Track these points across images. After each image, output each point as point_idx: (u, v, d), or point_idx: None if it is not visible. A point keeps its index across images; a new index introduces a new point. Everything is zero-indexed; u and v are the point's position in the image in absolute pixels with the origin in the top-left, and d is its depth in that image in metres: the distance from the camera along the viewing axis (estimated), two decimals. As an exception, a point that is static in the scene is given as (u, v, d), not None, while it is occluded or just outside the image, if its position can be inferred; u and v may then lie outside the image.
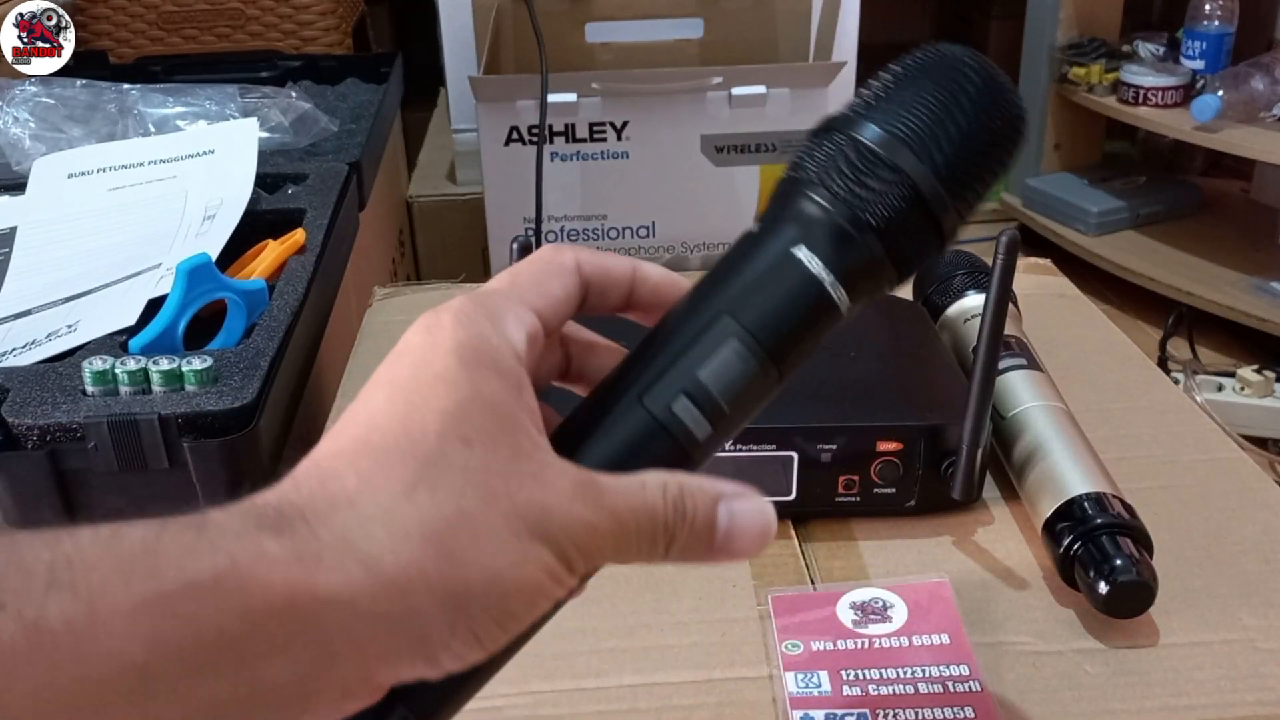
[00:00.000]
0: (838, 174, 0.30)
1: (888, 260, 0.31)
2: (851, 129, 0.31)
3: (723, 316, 0.31)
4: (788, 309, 0.31)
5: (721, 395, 0.30)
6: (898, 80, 0.31)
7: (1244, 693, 0.45)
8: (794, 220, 0.31)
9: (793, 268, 0.31)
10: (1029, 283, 0.81)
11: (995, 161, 0.31)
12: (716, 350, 0.30)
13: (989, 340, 0.50)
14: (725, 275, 0.32)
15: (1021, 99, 0.32)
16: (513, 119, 1.12)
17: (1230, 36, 1.86)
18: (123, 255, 0.75)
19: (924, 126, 0.30)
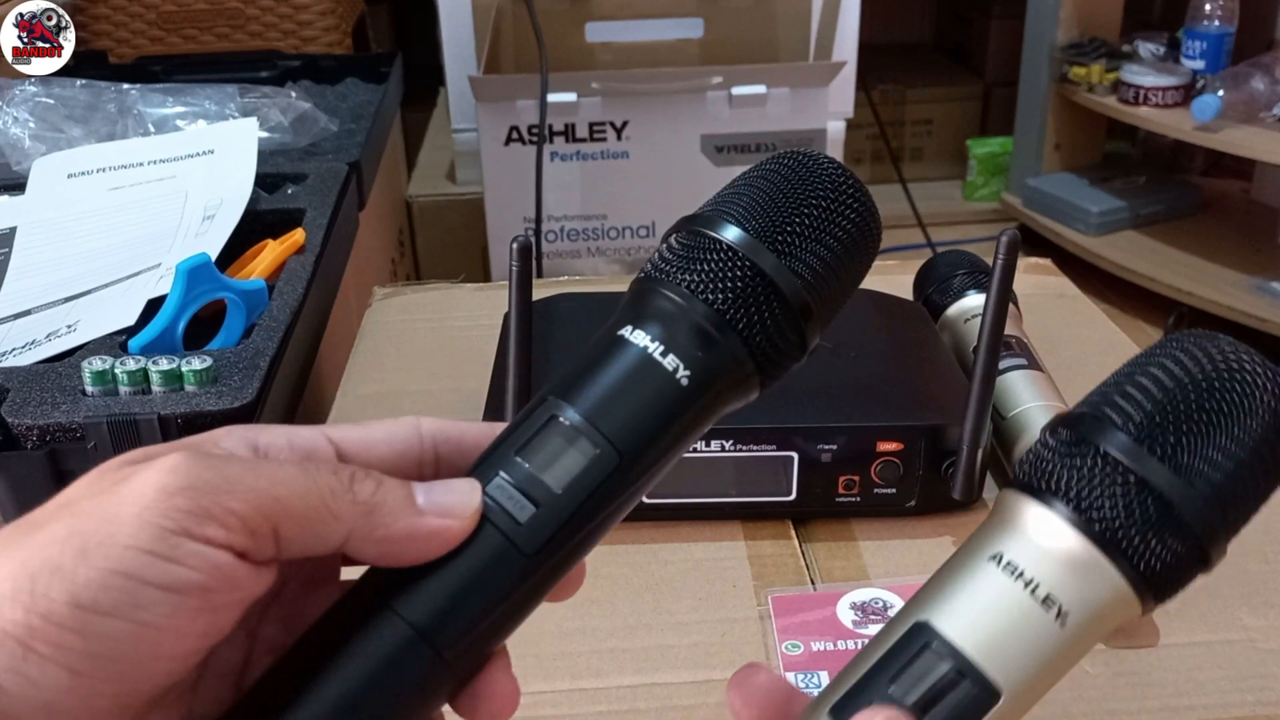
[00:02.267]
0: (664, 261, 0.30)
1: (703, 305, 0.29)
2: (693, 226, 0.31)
3: (543, 399, 0.29)
4: (603, 374, 0.29)
5: (539, 468, 0.28)
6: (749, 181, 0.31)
7: (1244, 693, 0.45)
8: (628, 315, 0.30)
9: (605, 338, 0.30)
10: (1029, 283, 0.81)
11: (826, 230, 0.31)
12: (534, 425, 0.29)
13: (989, 340, 0.50)
14: (561, 369, 0.30)
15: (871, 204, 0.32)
16: (513, 119, 1.12)
17: (1230, 36, 1.86)
18: (122, 255, 0.75)
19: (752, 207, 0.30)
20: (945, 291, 0.69)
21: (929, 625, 0.28)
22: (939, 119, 2.45)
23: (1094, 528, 0.27)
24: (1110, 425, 0.28)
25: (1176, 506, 0.27)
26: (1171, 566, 0.27)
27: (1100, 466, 0.27)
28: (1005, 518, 0.29)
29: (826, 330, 0.32)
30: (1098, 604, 0.27)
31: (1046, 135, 2.14)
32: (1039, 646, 0.27)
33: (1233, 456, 0.27)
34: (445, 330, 0.76)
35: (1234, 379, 0.28)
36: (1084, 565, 0.27)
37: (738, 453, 0.54)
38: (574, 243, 1.18)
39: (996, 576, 0.28)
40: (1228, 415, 0.27)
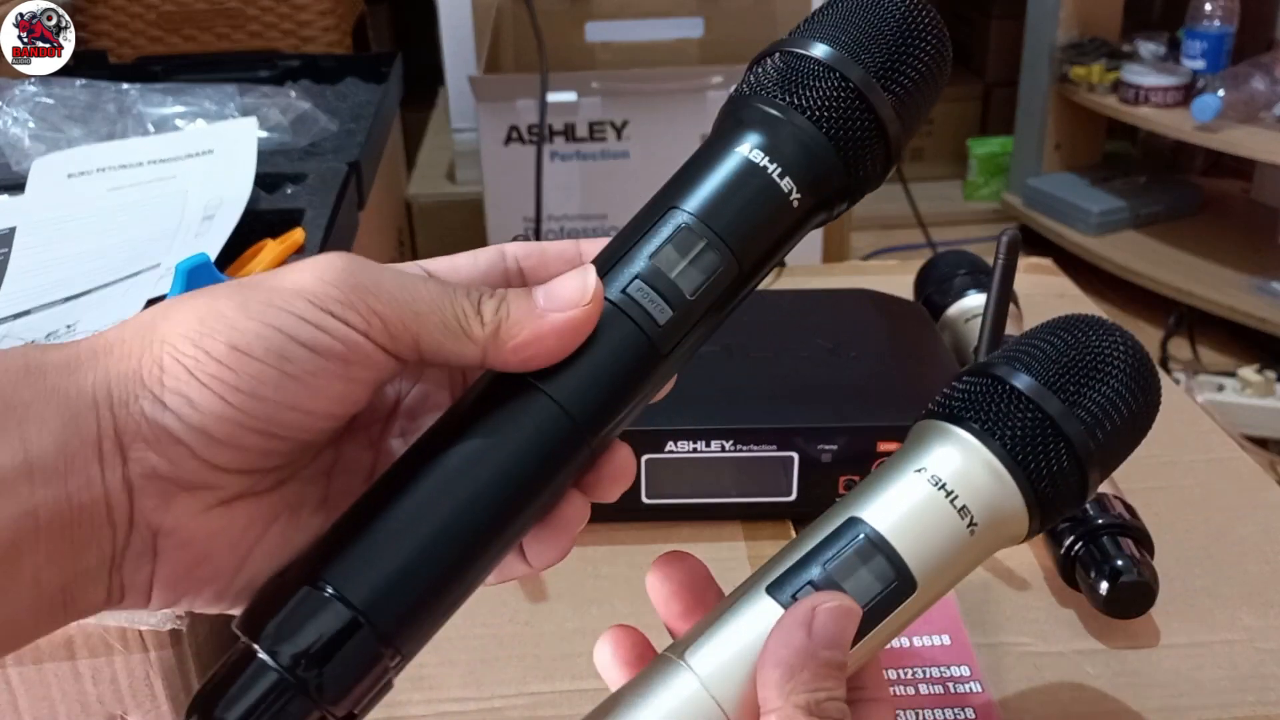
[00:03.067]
0: (772, 82, 0.32)
1: (824, 139, 0.32)
2: (788, 47, 0.33)
3: (670, 209, 0.32)
4: (729, 191, 0.32)
5: (672, 273, 0.31)
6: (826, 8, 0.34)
7: (1244, 693, 0.45)
8: (730, 126, 0.33)
9: (727, 155, 0.32)
10: (1029, 283, 0.81)
11: (922, 55, 0.34)
12: (663, 233, 0.31)
13: (989, 340, 0.50)
14: (675, 178, 0.33)
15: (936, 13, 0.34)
16: (512, 118, 1.12)
17: (1230, 36, 1.86)
18: (122, 255, 0.75)
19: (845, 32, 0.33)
20: (945, 291, 0.69)
21: (863, 521, 0.33)
22: (939, 119, 2.45)
23: (1005, 447, 0.33)
24: (1018, 370, 0.34)
25: (1066, 431, 0.33)
26: (1059, 486, 0.33)
27: (1011, 400, 0.33)
28: (929, 440, 0.34)
29: (826, 330, 0.34)
30: (1000, 516, 0.33)
31: (1047, 135, 2.14)
32: (952, 549, 0.32)
33: (1108, 400, 0.34)
34: (445, 330, 0.76)
35: (1105, 342, 0.35)
36: (993, 480, 0.33)
37: (738, 453, 0.54)
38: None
39: (923, 486, 0.33)
40: (1102, 371, 0.34)
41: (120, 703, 0.50)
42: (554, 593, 0.51)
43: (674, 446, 0.53)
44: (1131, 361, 0.34)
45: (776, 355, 0.60)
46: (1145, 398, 0.34)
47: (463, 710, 0.45)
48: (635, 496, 0.54)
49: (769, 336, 0.62)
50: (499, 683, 0.46)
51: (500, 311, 0.30)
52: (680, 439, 0.53)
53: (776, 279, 0.85)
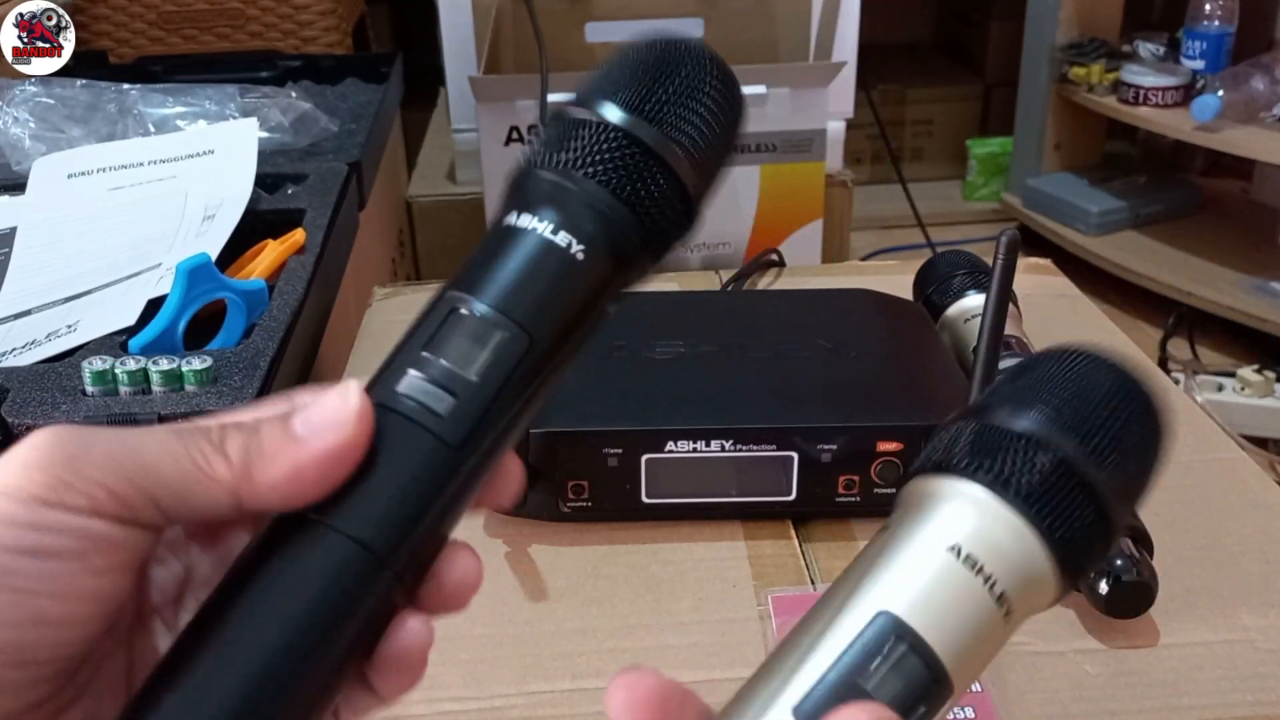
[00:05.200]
0: (543, 146, 0.31)
1: (596, 185, 0.30)
2: None
3: (442, 297, 0.29)
4: (502, 261, 0.29)
5: (448, 358, 0.28)
6: None
7: (1244, 693, 0.45)
8: (505, 203, 0.31)
9: (499, 230, 0.30)
10: (1029, 283, 0.81)
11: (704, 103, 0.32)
12: (435, 321, 0.29)
13: (989, 340, 0.50)
14: (455, 271, 0.30)
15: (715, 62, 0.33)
16: (513, 119, 1.12)
17: (1230, 36, 1.86)
18: (123, 255, 0.75)
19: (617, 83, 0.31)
20: (945, 291, 0.69)
21: (896, 617, 0.28)
22: (939, 119, 2.45)
23: (1041, 520, 0.28)
24: (1018, 411, 0.30)
25: (1105, 500, 0.29)
26: (1082, 537, 0.29)
27: (1018, 444, 0.29)
28: (948, 506, 0.29)
29: (826, 330, 0.32)
30: (1032, 595, 0.29)
31: (1046, 135, 2.14)
32: (989, 643, 0.28)
33: (1134, 467, 0.30)
34: (445, 330, 0.76)
35: (1102, 372, 0.30)
36: (1028, 558, 0.28)
37: (738, 453, 0.54)
38: (574, 243, 1.17)
39: (957, 571, 0.28)
40: (1107, 403, 0.30)
41: (121, 702, 0.50)
42: (554, 593, 0.52)
43: (674, 446, 0.53)
44: (1133, 392, 0.30)
45: (776, 355, 0.60)
46: (1157, 425, 0.31)
47: (463, 710, 0.45)
48: (635, 496, 0.54)
49: (769, 336, 0.62)
50: (499, 683, 0.46)
51: (249, 446, 0.26)
52: (680, 439, 0.53)
53: (776, 279, 0.85)
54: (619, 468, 0.54)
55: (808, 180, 1.16)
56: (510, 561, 0.54)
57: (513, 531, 0.55)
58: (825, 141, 1.15)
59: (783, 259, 0.88)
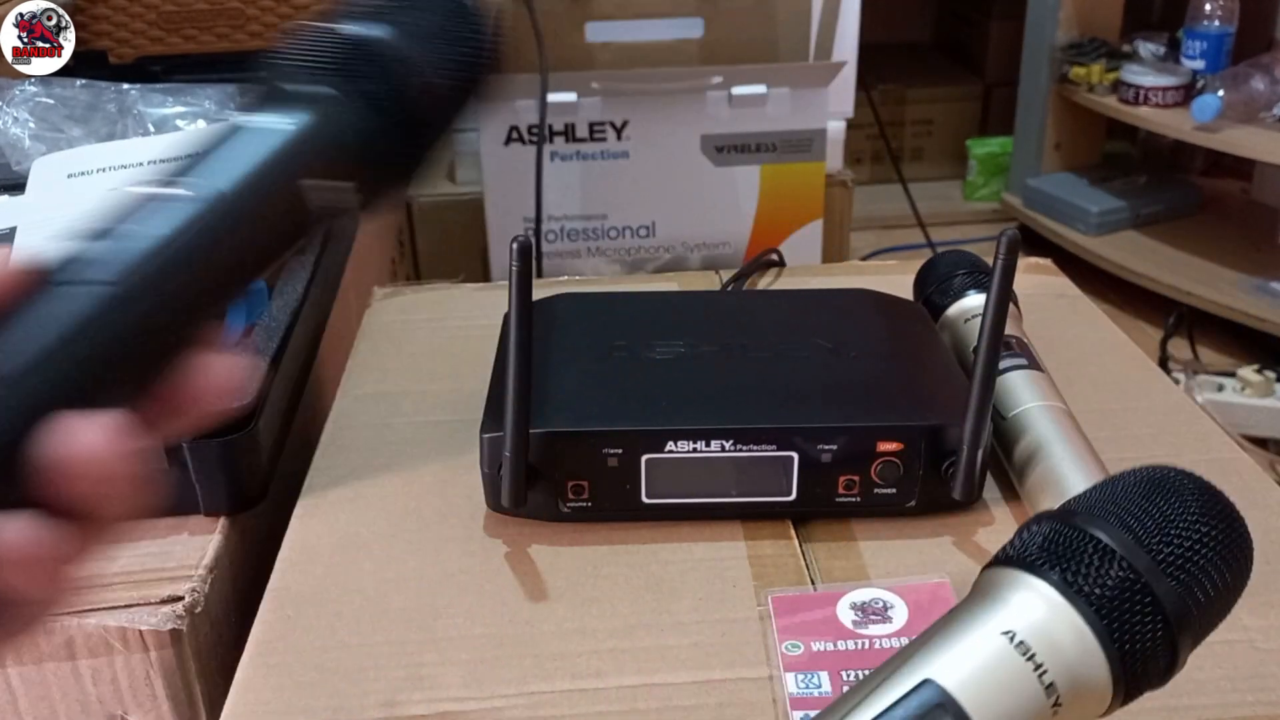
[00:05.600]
0: None
1: None
2: None
3: None
4: None
5: None
6: None
7: (1244, 693, 0.45)
8: None
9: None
10: (1029, 283, 0.81)
11: None
12: None
13: (989, 340, 0.50)
14: None
15: None
16: (513, 119, 1.12)
17: (1230, 36, 1.86)
18: (122, 255, 0.75)
19: None
20: (945, 291, 0.69)
21: (942, 688, 0.28)
22: (939, 119, 2.45)
23: (1102, 622, 0.29)
24: (1105, 521, 0.31)
25: (1159, 593, 0.30)
26: (1148, 656, 0.30)
27: (1115, 568, 0.30)
28: (1014, 596, 0.30)
29: (826, 330, 0.33)
30: (1085, 695, 0.29)
31: (1046, 135, 2.14)
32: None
33: (1206, 562, 0.31)
34: (445, 330, 0.76)
35: (1198, 501, 0.32)
36: (1085, 657, 0.29)
37: (738, 453, 0.54)
38: (574, 243, 1.18)
39: (1010, 656, 0.29)
40: (1196, 529, 0.31)
41: (120, 703, 0.50)
42: (554, 593, 0.52)
43: (674, 446, 0.53)
44: (1225, 521, 0.32)
45: (776, 355, 0.60)
46: (1240, 563, 0.32)
47: (463, 710, 0.45)
48: (635, 496, 0.54)
49: (769, 336, 0.62)
50: (499, 683, 0.46)
51: None
52: (680, 439, 0.53)
53: (776, 279, 0.85)
54: (619, 468, 0.54)
55: (808, 180, 1.16)
56: (510, 561, 0.54)
57: (513, 531, 0.55)
58: (825, 141, 1.15)
59: (783, 259, 0.88)
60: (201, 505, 0.56)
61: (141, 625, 0.49)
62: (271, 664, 0.47)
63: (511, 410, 0.51)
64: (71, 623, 0.48)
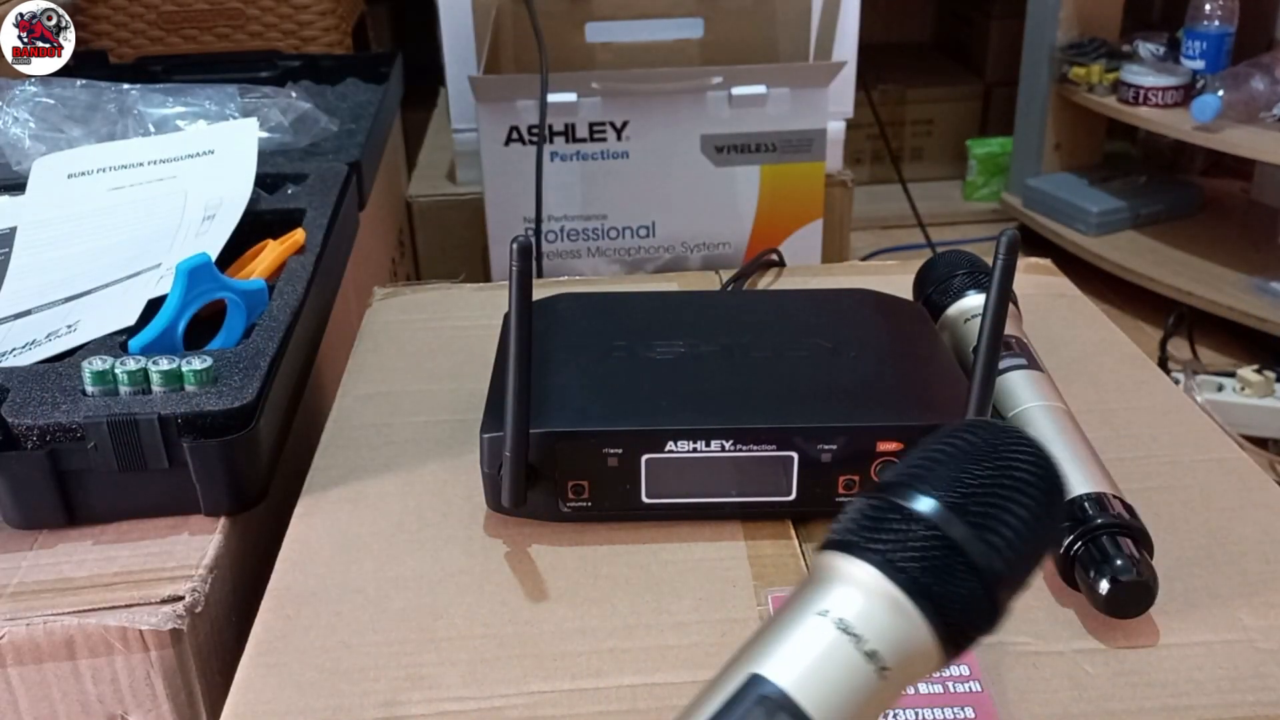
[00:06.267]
0: None
1: None
2: None
3: None
4: None
5: None
6: None
7: (1244, 693, 0.45)
8: None
9: None
10: (1029, 283, 0.81)
11: None
12: None
13: (989, 340, 0.50)
14: None
15: None
16: (513, 119, 1.12)
17: (1230, 36, 1.86)
18: (123, 255, 0.75)
19: None
20: (945, 291, 0.69)
21: (764, 678, 0.29)
22: (939, 119, 2.45)
23: (907, 578, 0.30)
24: (918, 491, 0.32)
25: (975, 559, 0.31)
26: (969, 613, 0.31)
27: (912, 526, 0.31)
28: (829, 576, 0.31)
29: (826, 330, 0.33)
30: (911, 655, 0.30)
31: (1046, 135, 2.14)
32: (862, 697, 0.30)
33: (1016, 520, 0.32)
34: (445, 330, 0.76)
35: (1015, 456, 0.33)
36: (900, 618, 0.30)
37: (738, 453, 0.54)
38: (574, 243, 1.18)
39: (826, 631, 0.30)
40: (1007, 485, 0.32)
41: (120, 703, 0.50)
42: (554, 593, 0.52)
43: (674, 446, 0.54)
44: (1038, 473, 0.32)
45: (776, 355, 0.60)
46: (1052, 510, 0.33)
47: (462, 710, 0.45)
48: (635, 496, 0.55)
49: (769, 336, 0.62)
50: (499, 683, 0.46)
51: None
52: (680, 439, 0.53)
53: (776, 279, 0.85)
54: (619, 468, 0.54)
55: (808, 180, 1.16)
56: (510, 561, 0.54)
57: (513, 531, 0.55)
58: (825, 141, 1.15)
59: (783, 259, 0.88)
60: (201, 505, 0.56)
61: (141, 625, 0.49)
62: (271, 664, 0.47)
63: (511, 410, 0.51)
64: (71, 623, 0.48)
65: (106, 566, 0.52)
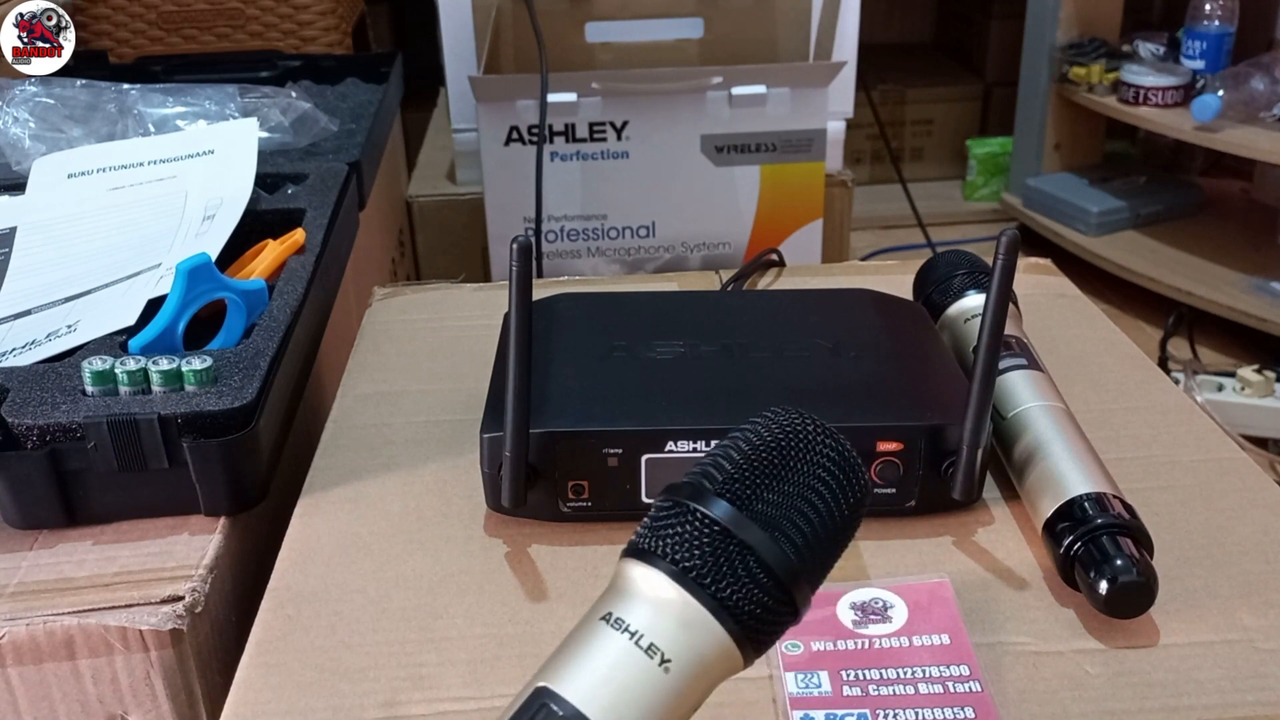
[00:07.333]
0: None
1: None
2: None
3: None
4: None
5: None
6: None
7: (1244, 693, 0.45)
8: None
9: None
10: (1029, 283, 0.81)
11: None
12: None
13: (989, 340, 0.50)
14: None
15: None
16: (513, 119, 1.12)
17: (1230, 36, 1.86)
18: (123, 255, 0.75)
19: None
20: (945, 291, 0.69)
21: (548, 689, 0.30)
22: (939, 119, 2.45)
23: (687, 575, 0.30)
24: (698, 487, 0.31)
25: (754, 548, 0.30)
26: (758, 605, 0.31)
27: (691, 522, 0.31)
28: (617, 582, 0.32)
29: (826, 330, 0.33)
30: (697, 648, 0.30)
31: (1046, 135, 2.14)
32: (648, 694, 0.30)
33: (802, 508, 0.32)
34: (445, 330, 0.76)
35: (797, 438, 0.32)
36: (679, 610, 0.30)
37: (738, 453, 0.54)
38: (574, 243, 1.18)
39: (607, 633, 0.30)
40: (792, 468, 0.32)
41: (120, 703, 0.50)
42: (554, 593, 0.52)
43: (674, 446, 0.53)
44: (833, 458, 0.32)
45: (776, 355, 0.60)
46: (845, 494, 0.32)
47: (462, 710, 0.45)
48: (635, 496, 0.54)
49: (769, 336, 0.62)
50: (499, 683, 0.46)
51: None
52: (680, 439, 0.53)
53: (776, 279, 0.85)
54: (619, 468, 0.54)
55: (808, 180, 1.16)
56: (510, 561, 0.54)
57: (513, 531, 0.55)
58: (825, 141, 1.15)
59: (783, 259, 0.88)
60: (201, 505, 0.56)
61: (141, 625, 0.49)
62: (271, 664, 0.47)
63: (511, 410, 0.51)
64: (72, 623, 0.48)
65: (106, 566, 0.52)
